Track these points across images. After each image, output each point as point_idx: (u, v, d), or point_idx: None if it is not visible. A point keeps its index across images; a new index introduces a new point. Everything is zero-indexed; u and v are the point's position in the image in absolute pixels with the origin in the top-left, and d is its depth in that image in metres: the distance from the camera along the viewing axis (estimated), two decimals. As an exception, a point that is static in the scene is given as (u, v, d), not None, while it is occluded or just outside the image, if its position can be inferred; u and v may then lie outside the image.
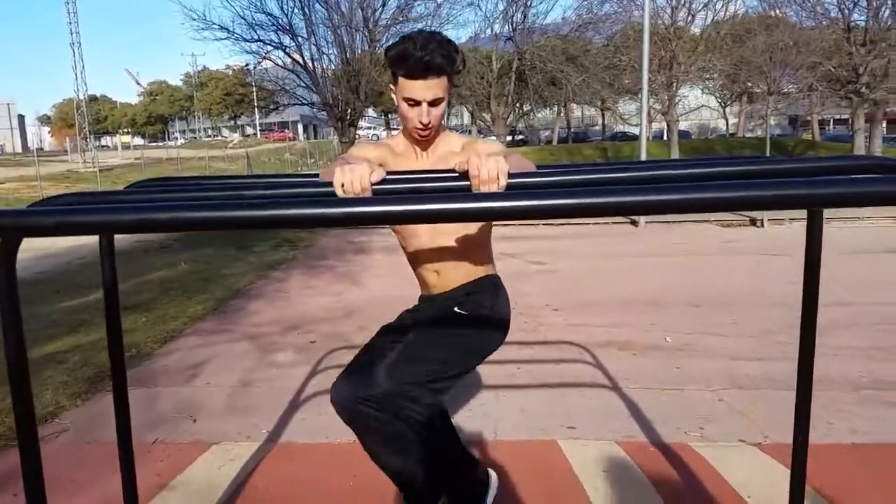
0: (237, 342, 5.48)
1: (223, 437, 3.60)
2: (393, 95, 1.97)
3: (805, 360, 2.04)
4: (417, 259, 2.15)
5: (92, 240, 1.92)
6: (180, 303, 6.80)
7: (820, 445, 3.01)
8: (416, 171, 1.85)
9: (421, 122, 1.89)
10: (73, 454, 3.44)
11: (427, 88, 1.84)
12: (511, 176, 1.46)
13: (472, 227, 2.05)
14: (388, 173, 1.56)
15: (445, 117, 2.04)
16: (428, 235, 2.07)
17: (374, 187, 1.46)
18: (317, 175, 1.88)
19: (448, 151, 2.01)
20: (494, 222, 2.06)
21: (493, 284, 2.21)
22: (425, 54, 1.79)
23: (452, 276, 2.12)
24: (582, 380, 4.38)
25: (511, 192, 1.38)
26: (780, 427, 3.48)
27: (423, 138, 1.96)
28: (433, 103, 1.87)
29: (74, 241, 10.19)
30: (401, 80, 1.87)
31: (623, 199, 1.09)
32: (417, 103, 1.87)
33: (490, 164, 1.45)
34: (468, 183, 1.49)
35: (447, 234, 2.05)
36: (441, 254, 2.08)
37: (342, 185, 1.44)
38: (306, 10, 20.98)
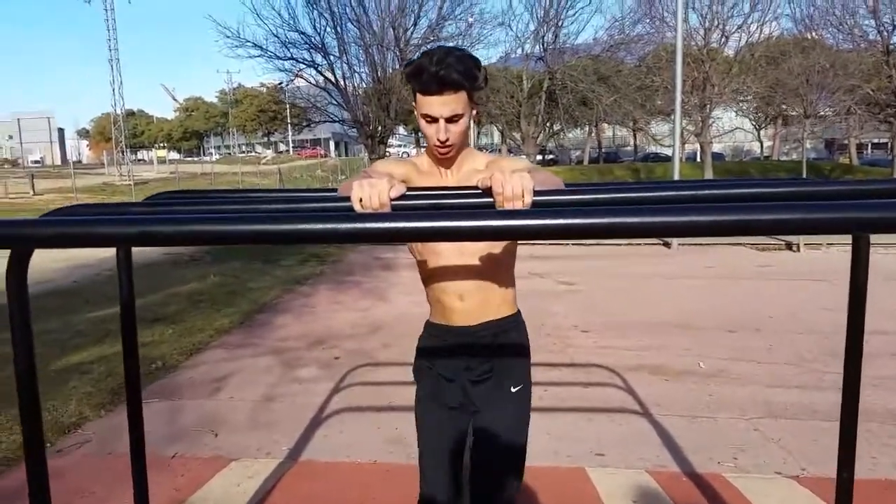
0: (262, 356, 5.45)
1: (243, 452, 3.55)
2: (416, 115, 1.91)
3: (850, 392, 1.91)
4: (438, 280, 1.98)
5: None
6: (207, 315, 6.82)
7: (863, 481, 2.86)
8: (438, 187, 1.78)
9: (439, 140, 1.81)
10: (93, 466, 3.42)
11: (443, 104, 1.76)
12: (537, 193, 1.39)
13: (497, 247, 1.93)
14: (410, 189, 1.50)
15: (474, 136, 1.96)
16: (453, 254, 1.93)
17: (393, 203, 1.40)
18: (335, 189, 1.82)
19: (472, 170, 1.93)
20: (520, 242, 1.98)
21: (518, 324, 2.06)
22: (440, 69, 1.71)
23: (477, 301, 1.96)
24: (611, 405, 4.25)
25: (536, 209, 1.31)
26: (819, 460, 3.34)
27: (443, 156, 1.87)
28: (451, 120, 1.79)
29: (105, 252, 10.33)
30: (418, 96, 1.80)
31: (655, 219, 1.00)
32: (434, 120, 1.79)
33: (514, 180, 1.38)
34: (492, 200, 1.42)
35: (473, 254, 1.92)
36: (466, 275, 1.94)
37: (360, 200, 1.39)
38: (338, 28, 21.28)
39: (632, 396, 4.37)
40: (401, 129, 47.21)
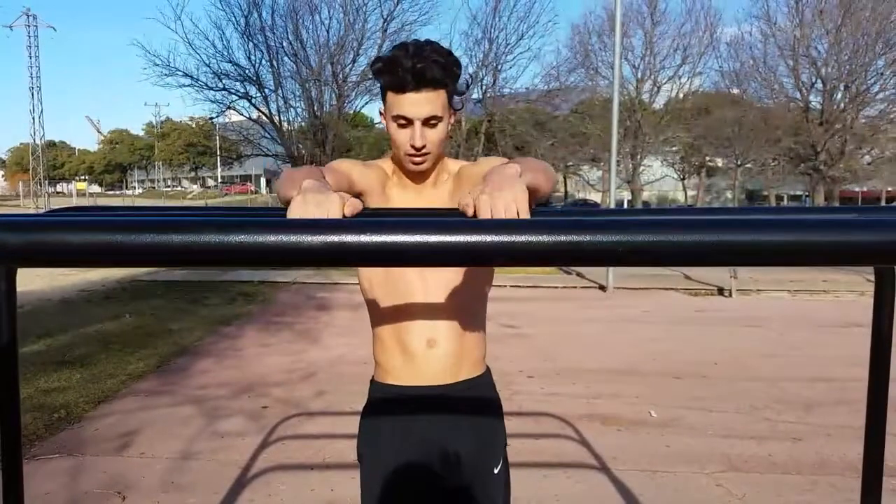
0: (180, 406, 4.92)
1: (153, 522, 3.07)
2: (382, 120, 1.59)
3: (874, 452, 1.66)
4: (398, 319, 1.58)
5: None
6: (120, 359, 6.21)
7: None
8: (405, 209, 1.46)
9: (413, 146, 1.49)
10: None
11: (420, 103, 1.47)
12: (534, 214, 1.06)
13: (473, 282, 1.59)
14: (365, 209, 1.19)
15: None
16: (420, 288, 1.57)
17: None
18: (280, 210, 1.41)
19: (445, 181, 1.63)
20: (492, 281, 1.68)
21: (491, 383, 1.71)
22: (418, 62, 1.43)
23: (450, 349, 1.58)
24: (566, 459, 3.96)
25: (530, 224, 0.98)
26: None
27: (417, 166, 1.55)
28: (429, 123, 1.49)
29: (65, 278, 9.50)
30: (389, 95, 1.50)
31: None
32: (409, 122, 1.49)
33: (506, 198, 1.01)
34: None
35: (445, 288, 1.57)
36: (436, 315, 1.57)
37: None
38: (274, 62, 20.92)
39: (587, 449, 4.09)
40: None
